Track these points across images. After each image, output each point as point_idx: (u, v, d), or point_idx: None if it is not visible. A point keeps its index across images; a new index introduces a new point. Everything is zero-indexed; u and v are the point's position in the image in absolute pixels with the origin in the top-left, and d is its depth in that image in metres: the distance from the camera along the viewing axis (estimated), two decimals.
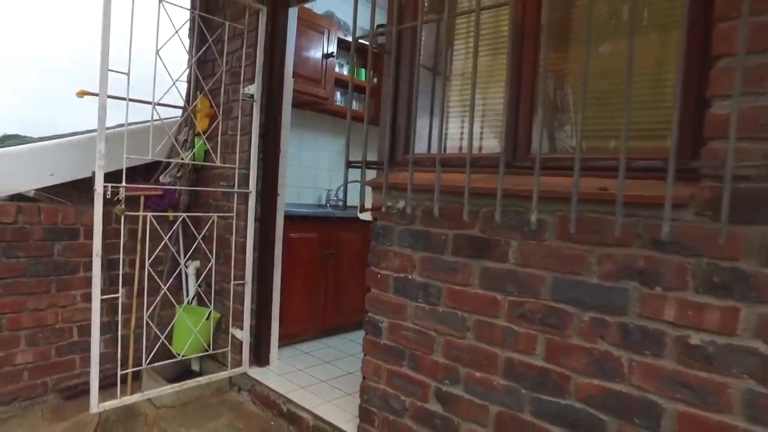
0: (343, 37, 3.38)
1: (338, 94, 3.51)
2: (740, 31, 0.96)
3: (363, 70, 3.67)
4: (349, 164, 1.66)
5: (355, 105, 3.59)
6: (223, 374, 2.42)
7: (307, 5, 2.96)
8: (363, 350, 1.84)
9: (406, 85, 1.79)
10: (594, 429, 1.27)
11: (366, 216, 1.84)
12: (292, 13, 2.52)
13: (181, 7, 2.15)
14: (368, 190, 1.83)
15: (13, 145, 3.08)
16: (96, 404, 1.95)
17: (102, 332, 2.06)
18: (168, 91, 2.15)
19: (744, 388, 1.06)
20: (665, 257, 1.17)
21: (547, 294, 1.36)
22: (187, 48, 2.48)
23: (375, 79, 3.19)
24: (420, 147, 1.77)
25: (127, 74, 1.92)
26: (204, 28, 2.44)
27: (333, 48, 3.30)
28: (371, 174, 1.74)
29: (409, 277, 1.69)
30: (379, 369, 1.78)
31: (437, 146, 1.44)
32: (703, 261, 1.11)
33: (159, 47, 2.04)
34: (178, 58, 2.50)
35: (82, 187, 2.61)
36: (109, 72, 1.87)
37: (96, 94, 2.00)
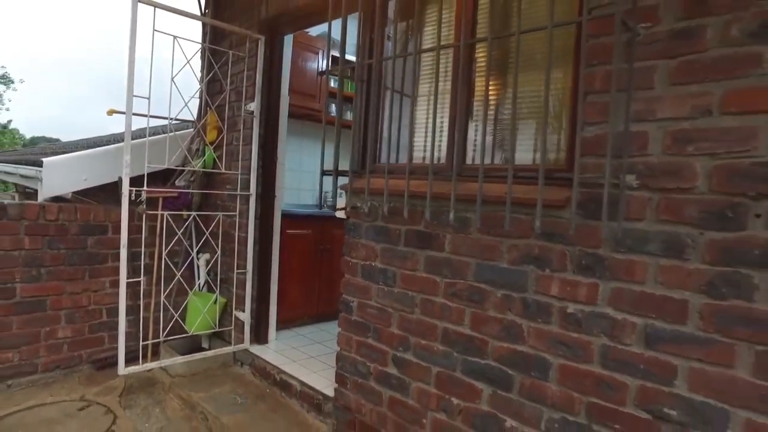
0: (336, 54, 3.76)
1: (333, 106, 3.90)
2: (580, 76, 1.30)
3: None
4: (324, 172, 2.04)
5: (349, 115, 3.96)
6: (228, 349, 2.84)
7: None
8: (338, 325, 2.22)
9: (373, 108, 2.16)
10: (505, 382, 1.63)
11: (341, 214, 2.23)
12: (288, 40, 2.92)
13: (193, 41, 2.57)
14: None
15: (44, 148, 3.54)
16: (123, 367, 2.38)
17: (126, 314, 2.49)
18: (181, 111, 2.57)
19: (600, 344, 1.40)
20: (552, 246, 1.52)
21: (472, 276, 1.72)
22: (197, 72, 2.90)
23: None
24: (389, 157, 2.13)
25: (148, 98, 2.34)
26: (211, 56, 2.86)
27: (327, 65, 3.69)
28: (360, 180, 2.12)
29: (373, 264, 2.06)
30: (351, 340, 2.16)
31: (386, 159, 1.81)
32: (576, 249, 1.46)
33: (174, 75, 2.46)
34: (190, 74, 2.92)
35: (109, 190, 3.06)
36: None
37: (123, 113, 2.43)
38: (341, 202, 2.27)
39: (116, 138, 3.67)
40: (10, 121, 23.44)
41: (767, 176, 1.14)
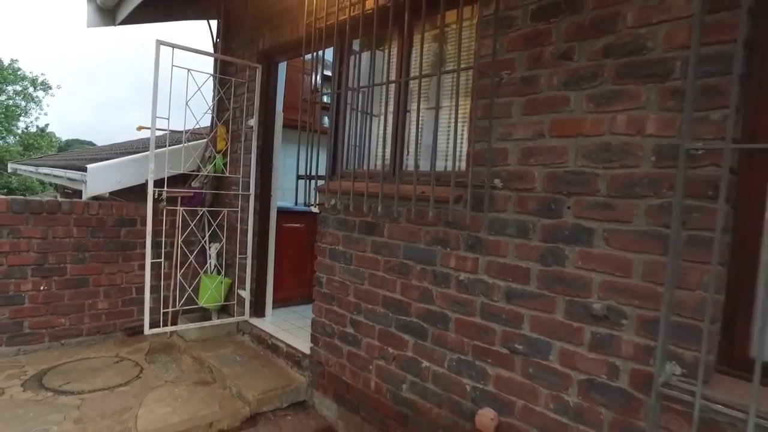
0: (328, 72, 4.35)
1: (326, 119, 4.50)
2: (457, 107, 1.84)
3: None
4: (299, 177, 2.63)
5: None
6: (232, 320, 3.47)
7: None
8: (313, 297, 2.81)
9: (341, 126, 2.74)
10: (422, 333, 2.17)
11: (315, 209, 2.81)
12: (282, 66, 3.53)
13: (203, 72, 3.21)
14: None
15: (81, 153, 4.24)
16: (147, 329, 3.03)
17: (151, 291, 3.13)
18: (194, 125, 3.21)
19: (480, 302, 1.93)
20: (451, 231, 2.05)
21: (401, 255, 2.27)
22: (206, 95, 3.54)
23: None
24: (346, 165, 2.71)
25: (167, 119, 2.99)
26: (220, 81, 3.49)
27: (319, 83, 4.28)
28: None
29: (337, 248, 2.63)
30: (321, 308, 2.74)
31: (349, 166, 2.37)
32: (465, 233, 1.99)
33: (188, 99, 3.10)
34: (204, 90, 3.56)
35: (138, 190, 3.74)
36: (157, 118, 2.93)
37: (149, 128, 3.08)
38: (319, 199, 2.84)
39: (145, 144, 4.37)
40: (47, 125, 25.17)
41: (574, 180, 1.65)
